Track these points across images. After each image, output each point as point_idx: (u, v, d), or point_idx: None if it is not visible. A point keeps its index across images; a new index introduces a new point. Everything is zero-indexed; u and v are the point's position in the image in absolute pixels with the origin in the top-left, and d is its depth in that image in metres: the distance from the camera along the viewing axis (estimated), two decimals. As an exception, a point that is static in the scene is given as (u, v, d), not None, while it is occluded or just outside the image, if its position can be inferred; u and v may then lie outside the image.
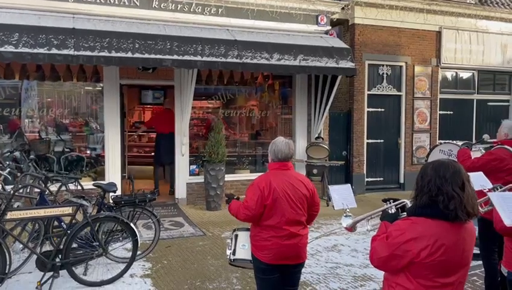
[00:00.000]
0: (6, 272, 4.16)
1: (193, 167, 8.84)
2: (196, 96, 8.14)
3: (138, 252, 4.94)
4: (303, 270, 3.46)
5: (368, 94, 10.07)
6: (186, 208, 8.21)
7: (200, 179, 8.54)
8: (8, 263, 4.14)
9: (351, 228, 2.86)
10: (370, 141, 10.18)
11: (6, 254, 4.12)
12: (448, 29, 10.58)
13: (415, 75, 10.46)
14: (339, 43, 8.76)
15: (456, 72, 11.15)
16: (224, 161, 8.23)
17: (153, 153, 9.18)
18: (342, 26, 9.93)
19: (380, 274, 2.29)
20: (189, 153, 8.70)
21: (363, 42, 9.89)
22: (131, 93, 10.19)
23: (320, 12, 9.01)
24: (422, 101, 10.62)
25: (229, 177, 8.63)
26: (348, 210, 2.96)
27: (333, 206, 3.18)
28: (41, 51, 6.30)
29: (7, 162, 5.74)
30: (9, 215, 4.14)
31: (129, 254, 5.01)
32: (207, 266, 5.26)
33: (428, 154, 7.27)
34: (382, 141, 10.33)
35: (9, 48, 6.19)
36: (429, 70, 10.61)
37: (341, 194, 3.19)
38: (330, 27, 9.22)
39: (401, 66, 10.37)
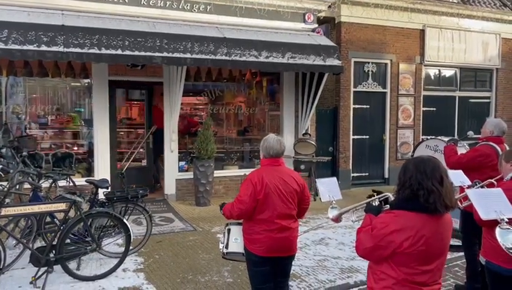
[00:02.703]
0: (1, 267, 4.21)
1: (182, 163, 8.92)
2: (184, 92, 8.21)
3: (130, 247, 5.02)
4: (292, 263, 3.59)
5: (353, 91, 10.25)
6: (175, 204, 8.29)
7: (189, 175, 8.63)
8: (2, 258, 4.20)
9: (337, 219, 3.00)
10: (356, 137, 10.38)
11: (1, 250, 4.17)
12: (431, 28, 10.83)
13: (400, 73, 10.69)
14: (326, 41, 8.91)
15: (439, 70, 11.43)
16: (213, 157, 8.33)
17: (141, 150, 9.23)
18: (329, 24, 10.08)
19: (367, 266, 2.45)
20: (178, 150, 8.77)
21: (349, 40, 10.06)
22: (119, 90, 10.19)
23: (307, 10, 9.15)
24: (407, 98, 10.86)
25: (217, 173, 8.74)
26: (334, 202, 3.11)
27: (320, 198, 3.33)
28: (30, 47, 6.30)
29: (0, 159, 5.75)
30: (4, 211, 4.17)
31: (121, 249, 5.10)
32: (198, 260, 5.37)
33: (414, 149, 7.47)
34: (367, 137, 10.54)
35: (-1, 45, 6.17)
36: (413, 68, 10.85)
37: (327, 187, 3.34)
38: (317, 25, 9.37)
39: (386, 64, 10.58)
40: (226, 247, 3.55)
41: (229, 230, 3.59)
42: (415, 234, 2.16)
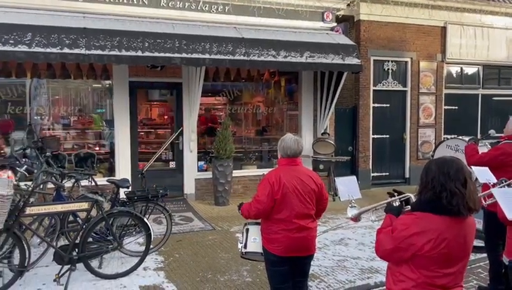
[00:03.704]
0: (26, 265, 4.32)
1: (201, 163, 8.99)
2: (203, 92, 8.27)
3: (150, 246, 5.08)
4: (311, 263, 3.58)
5: (373, 90, 10.15)
6: (195, 203, 8.36)
7: (208, 174, 8.69)
8: (27, 256, 4.31)
9: (356, 219, 2.97)
10: (376, 136, 10.27)
11: (26, 248, 4.28)
12: (453, 25, 10.62)
13: (420, 71, 10.52)
14: (345, 40, 8.85)
15: (461, 68, 11.19)
16: (231, 157, 8.36)
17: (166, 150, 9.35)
18: (348, 23, 10.00)
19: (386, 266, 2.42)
20: (197, 149, 8.84)
21: (368, 38, 9.96)
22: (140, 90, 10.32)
23: (326, 9, 9.09)
24: (428, 96, 10.68)
25: (236, 173, 8.77)
26: (353, 201, 3.08)
27: (339, 197, 3.30)
28: (53, 50, 6.45)
29: (23, 159, 5.90)
30: (29, 210, 4.29)
31: (142, 248, 5.17)
32: (217, 259, 5.40)
33: (435, 149, 7.35)
34: (387, 136, 10.41)
35: (23, 48, 6.33)
36: (434, 66, 10.66)
37: (346, 186, 3.31)
38: (336, 24, 9.30)
39: (406, 62, 10.43)
40: (245, 247, 3.56)
41: (247, 230, 3.60)
42: (437, 237, 2.12)
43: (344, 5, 9.30)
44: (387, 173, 10.44)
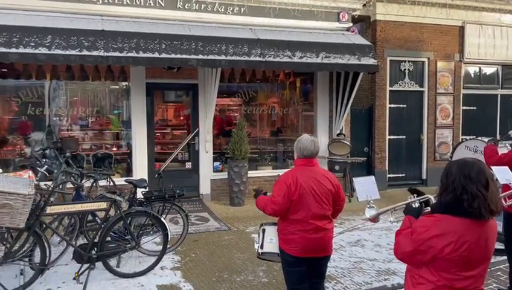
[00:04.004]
0: (46, 263, 4.41)
1: (217, 163, 9.04)
2: (218, 93, 8.32)
3: (167, 246, 5.13)
4: (327, 264, 3.57)
5: (389, 90, 10.07)
6: (210, 204, 8.41)
7: (223, 175, 8.73)
8: (47, 255, 4.40)
9: (374, 219, 2.95)
10: (392, 137, 10.18)
11: (46, 247, 4.37)
12: (471, 24, 10.46)
13: (438, 71, 10.39)
14: (361, 40, 8.80)
15: (480, 67, 11.01)
16: (247, 158, 8.39)
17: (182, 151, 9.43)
18: (364, 23, 9.94)
19: (404, 269, 2.40)
20: (212, 150, 8.89)
21: (384, 38, 9.88)
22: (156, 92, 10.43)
23: (341, 9, 9.06)
24: (445, 96, 10.54)
25: (251, 174, 8.79)
26: (371, 201, 3.06)
27: (357, 197, 3.28)
28: (73, 52, 6.56)
29: (44, 160, 6.02)
30: (49, 209, 4.37)
31: (159, 248, 5.22)
32: (233, 260, 5.43)
33: (454, 150, 7.26)
34: (404, 137, 10.32)
35: (43, 50, 6.46)
36: (452, 66, 10.52)
37: (365, 186, 3.29)
38: (352, 24, 9.26)
39: (423, 62, 10.32)
40: (261, 247, 3.57)
41: (263, 230, 3.61)
42: (458, 239, 2.09)
43: (360, 5, 9.24)
44: (404, 174, 10.34)
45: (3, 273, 4.36)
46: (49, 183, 5.85)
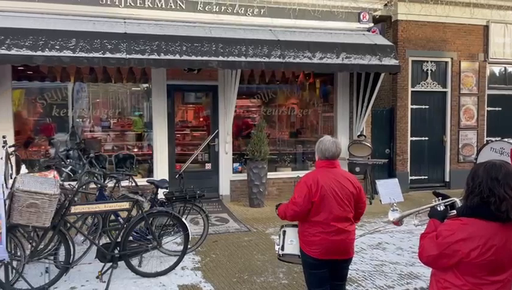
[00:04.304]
0: (70, 262, 4.51)
1: (236, 164, 9.07)
2: (238, 95, 8.35)
3: (188, 246, 5.17)
4: (349, 267, 3.54)
5: (411, 91, 9.94)
6: (230, 205, 8.44)
7: (243, 176, 8.74)
8: (72, 253, 4.49)
9: (398, 222, 2.90)
10: (414, 138, 10.03)
11: (71, 246, 4.47)
12: (496, 23, 10.23)
13: (461, 71, 10.19)
14: (382, 40, 8.70)
15: (505, 67, 10.75)
16: (266, 159, 8.39)
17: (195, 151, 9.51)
18: (385, 23, 9.83)
19: (427, 272, 2.36)
20: (232, 151, 8.92)
21: (406, 38, 9.75)
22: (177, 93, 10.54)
23: (362, 9, 8.98)
24: (469, 97, 10.33)
25: (271, 175, 8.79)
26: (395, 204, 3.01)
27: (380, 200, 3.24)
28: (96, 55, 6.68)
29: (68, 160, 6.15)
30: (73, 209, 4.47)
31: (179, 248, 5.27)
32: (253, 261, 5.43)
33: (479, 152, 7.12)
34: (426, 138, 10.16)
35: (68, 53, 6.60)
36: (476, 66, 10.30)
37: (388, 189, 3.25)
38: (372, 24, 9.17)
39: (446, 62, 10.14)
40: (282, 249, 3.56)
41: (284, 232, 3.60)
42: (484, 243, 2.05)
43: (381, 5, 9.14)
44: (426, 177, 10.17)
45: (30, 271, 4.48)
46: (73, 183, 5.96)
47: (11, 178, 5.39)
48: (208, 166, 8.97)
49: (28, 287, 4.27)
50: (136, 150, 8.93)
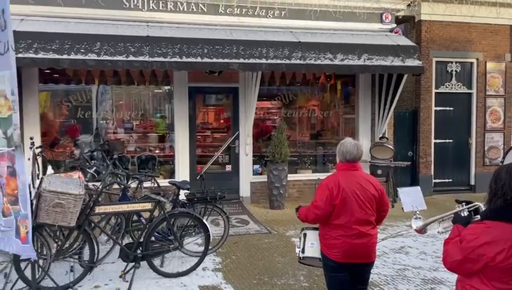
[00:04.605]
0: (95, 261, 4.60)
1: (256, 166, 9.08)
2: (258, 97, 8.36)
3: (209, 247, 5.20)
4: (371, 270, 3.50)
5: (435, 92, 9.77)
6: (250, 206, 8.45)
7: (263, 178, 8.75)
8: (96, 253, 4.58)
9: (421, 230, 2.86)
10: (438, 141, 9.85)
11: (95, 245, 4.56)
12: (524, 22, 9.96)
13: (487, 72, 9.95)
14: (405, 41, 8.58)
15: (533, 68, 10.45)
16: (286, 161, 8.37)
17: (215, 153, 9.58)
18: (408, 24, 9.69)
19: (452, 278, 2.31)
20: (252, 153, 8.94)
21: (430, 39, 9.59)
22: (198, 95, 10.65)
23: (384, 10, 8.88)
24: (495, 99, 10.08)
25: (291, 177, 8.75)
26: (418, 212, 2.97)
27: (402, 208, 3.19)
28: (120, 58, 6.81)
29: (92, 161, 6.28)
30: (98, 209, 4.56)
31: (200, 249, 5.32)
32: (274, 263, 5.42)
33: (505, 155, 6.94)
34: (451, 141, 9.96)
35: (92, 56, 6.75)
36: (503, 67, 10.05)
37: (410, 196, 3.20)
38: (395, 25, 9.06)
39: (471, 63, 9.93)
40: (303, 251, 3.55)
41: (305, 235, 3.59)
42: (510, 246, 2.00)
43: (404, 5, 9.02)
44: (451, 180, 9.97)
45: (55, 269, 4.58)
46: (97, 184, 6.09)
47: (38, 178, 5.55)
48: (229, 168, 9.02)
49: (54, 286, 4.37)
50: (158, 151, 9.05)
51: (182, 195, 5.63)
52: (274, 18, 8.35)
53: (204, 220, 5.10)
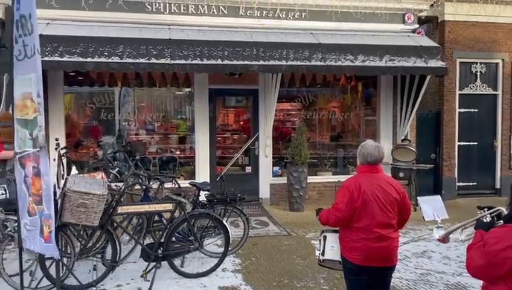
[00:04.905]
0: (117, 260, 4.67)
1: (276, 168, 9.07)
2: (278, 98, 8.36)
3: (228, 248, 5.22)
4: (392, 274, 3.45)
5: (459, 94, 9.57)
6: (269, 208, 8.45)
7: (283, 180, 8.73)
8: (118, 252, 4.66)
9: (444, 239, 2.82)
10: (462, 143, 9.65)
11: (117, 245, 4.63)
12: (551, 22, 9.66)
13: (514, 73, 9.70)
14: (428, 42, 8.44)
15: (561, 68, 10.12)
16: (306, 163, 8.34)
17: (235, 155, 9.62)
18: (431, 24, 9.51)
19: (476, 283, 2.27)
20: (272, 155, 8.94)
21: (454, 39, 9.41)
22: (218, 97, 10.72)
23: (407, 10, 8.76)
24: (522, 100, 9.81)
25: (311, 179, 8.71)
26: (439, 221, 2.92)
27: (423, 217, 3.14)
28: (142, 60, 6.92)
29: (115, 162, 6.40)
30: (120, 209, 4.63)
31: (220, 250, 5.34)
32: (293, 265, 5.40)
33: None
34: (475, 143, 9.74)
35: (115, 59, 6.87)
36: (530, 67, 9.77)
37: (431, 205, 3.15)
38: (418, 25, 8.92)
39: (497, 64, 9.69)
40: (323, 254, 3.53)
41: (325, 237, 3.56)
42: None
43: (427, 5, 8.88)
44: (475, 183, 9.74)
45: (79, 268, 4.68)
46: (120, 184, 6.19)
47: (63, 179, 5.68)
48: (248, 169, 9.04)
49: (77, 284, 4.47)
50: (178, 152, 9.15)
51: (202, 196, 5.68)
52: (294, 20, 8.33)
53: (224, 222, 5.13)
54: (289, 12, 8.31)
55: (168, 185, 6.82)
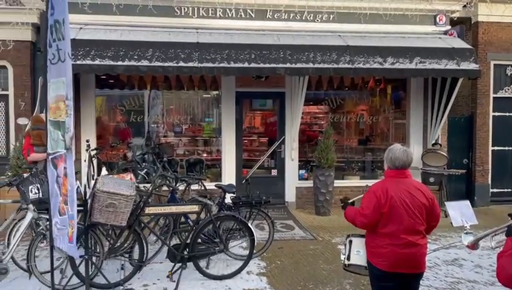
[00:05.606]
0: (144, 260, 4.75)
1: (302, 171, 9.02)
2: (305, 101, 8.32)
3: (253, 251, 5.21)
4: (420, 282, 3.36)
5: (493, 97, 9.26)
6: (295, 212, 8.40)
7: (309, 183, 8.67)
8: (145, 252, 4.73)
9: (473, 246, 2.73)
10: (496, 148, 9.32)
11: (144, 245, 4.70)
12: None
13: (551, 75, 9.31)
14: (460, 43, 8.20)
15: None
16: (333, 167, 8.25)
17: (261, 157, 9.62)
18: (464, 25, 9.25)
19: (510, 293, 2.17)
20: (298, 158, 8.89)
21: (487, 41, 9.11)
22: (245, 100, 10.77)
23: (438, 11, 8.56)
24: (560, 104, 9.39)
25: (338, 183, 8.60)
26: (468, 227, 2.82)
27: (451, 223, 3.04)
28: (170, 64, 7.03)
29: (144, 163, 6.52)
30: (147, 210, 4.71)
31: (245, 252, 5.34)
32: (319, 270, 5.34)
33: None
34: (510, 148, 9.38)
35: (145, 62, 7.01)
36: None
37: (459, 211, 3.05)
38: (450, 27, 8.69)
39: (534, 66, 9.33)
40: (348, 258, 3.47)
41: (350, 241, 3.51)
42: None
43: (460, 6, 8.64)
44: (510, 189, 9.38)
45: (107, 267, 4.78)
46: (147, 185, 6.30)
47: (93, 179, 5.83)
48: (274, 172, 9.02)
49: (105, 282, 4.56)
50: (205, 155, 9.23)
51: (228, 198, 5.70)
52: (322, 22, 8.28)
53: (249, 224, 5.13)
54: (317, 15, 8.26)
55: (194, 187, 6.89)
